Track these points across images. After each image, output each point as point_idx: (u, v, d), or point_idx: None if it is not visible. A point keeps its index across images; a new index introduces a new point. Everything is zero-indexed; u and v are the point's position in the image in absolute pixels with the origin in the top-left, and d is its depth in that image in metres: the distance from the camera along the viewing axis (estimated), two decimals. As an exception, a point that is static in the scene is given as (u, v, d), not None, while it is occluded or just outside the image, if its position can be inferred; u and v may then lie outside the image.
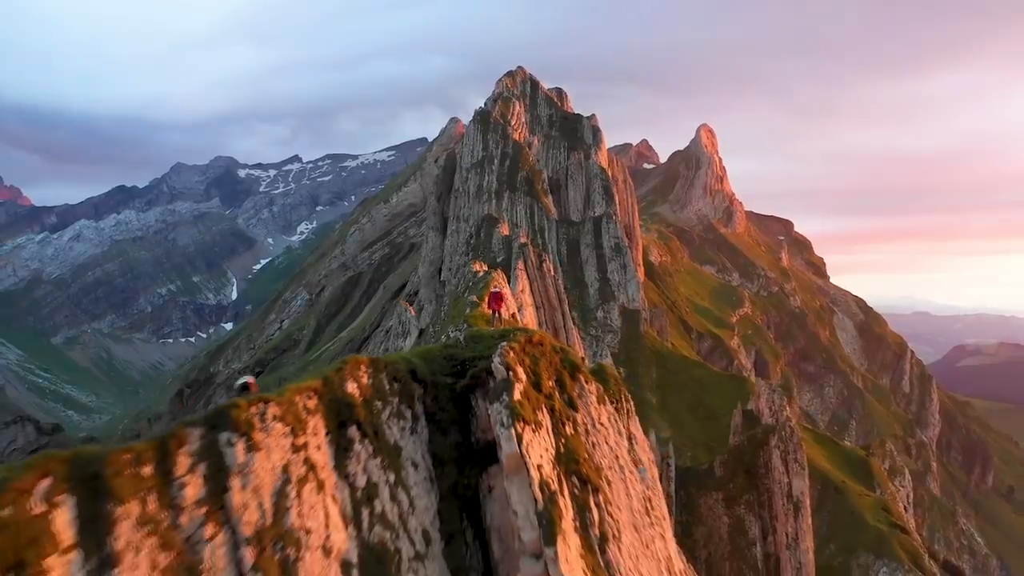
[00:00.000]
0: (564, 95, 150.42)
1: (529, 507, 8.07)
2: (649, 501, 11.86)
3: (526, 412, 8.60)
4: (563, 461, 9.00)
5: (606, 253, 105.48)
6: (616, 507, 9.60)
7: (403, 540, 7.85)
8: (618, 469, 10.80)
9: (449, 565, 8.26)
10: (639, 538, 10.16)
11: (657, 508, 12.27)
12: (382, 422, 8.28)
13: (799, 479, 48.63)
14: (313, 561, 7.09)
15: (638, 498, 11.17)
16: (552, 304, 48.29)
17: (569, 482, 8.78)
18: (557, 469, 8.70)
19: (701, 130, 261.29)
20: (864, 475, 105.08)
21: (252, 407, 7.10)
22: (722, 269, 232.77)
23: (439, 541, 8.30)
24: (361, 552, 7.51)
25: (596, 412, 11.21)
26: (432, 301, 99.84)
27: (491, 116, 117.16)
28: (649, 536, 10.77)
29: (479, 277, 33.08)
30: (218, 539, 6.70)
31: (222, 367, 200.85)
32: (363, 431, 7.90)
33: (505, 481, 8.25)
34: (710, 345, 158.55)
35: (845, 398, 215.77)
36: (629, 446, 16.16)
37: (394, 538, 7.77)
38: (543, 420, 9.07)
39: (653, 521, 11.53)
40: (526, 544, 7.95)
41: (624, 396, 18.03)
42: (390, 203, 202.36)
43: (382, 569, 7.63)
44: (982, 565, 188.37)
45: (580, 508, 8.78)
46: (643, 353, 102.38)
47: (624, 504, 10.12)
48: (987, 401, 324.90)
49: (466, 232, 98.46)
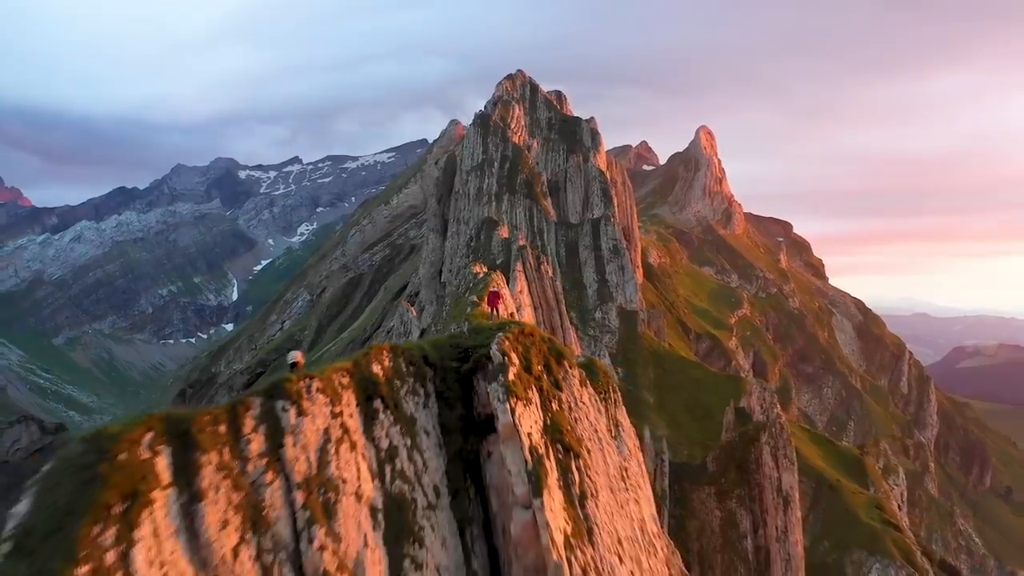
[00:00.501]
0: (563, 98, 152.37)
1: (520, 467, 9.96)
2: (625, 471, 13.77)
3: (518, 390, 10.54)
4: (549, 431, 10.92)
5: (604, 255, 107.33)
6: (594, 472, 11.51)
7: (418, 492, 9.76)
8: (596, 440, 12.71)
9: (455, 515, 10.17)
10: (615, 499, 12.07)
11: (633, 477, 14.18)
12: (401, 397, 10.21)
13: (788, 474, 50.46)
14: (348, 504, 9.01)
15: (614, 466, 13.09)
16: (550, 304, 50.19)
17: (554, 448, 10.70)
18: (544, 438, 10.61)
19: (700, 132, 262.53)
20: (858, 474, 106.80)
21: (301, 381, 9.04)
22: (721, 270, 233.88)
23: (447, 495, 10.20)
24: (385, 500, 9.43)
25: (578, 393, 13.12)
26: (433, 302, 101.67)
27: (491, 119, 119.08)
28: (624, 499, 12.68)
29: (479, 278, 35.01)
30: (276, 484, 8.64)
31: (223, 367, 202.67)
32: (385, 404, 9.82)
33: (501, 446, 10.14)
34: (708, 346, 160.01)
35: (843, 399, 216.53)
36: (615, 431, 18.03)
37: (411, 490, 9.67)
38: (533, 397, 11.00)
39: (628, 487, 13.44)
40: (518, 497, 9.85)
41: (612, 387, 19.94)
42: (390, 205, 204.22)
43: (401, 515, 9.56)
44: (980, 565, 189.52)
45: (563, 470, 10.69)
46: (641, 353, 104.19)
47: (601, 470, 12.03)
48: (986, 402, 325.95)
49: (466, 234, 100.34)
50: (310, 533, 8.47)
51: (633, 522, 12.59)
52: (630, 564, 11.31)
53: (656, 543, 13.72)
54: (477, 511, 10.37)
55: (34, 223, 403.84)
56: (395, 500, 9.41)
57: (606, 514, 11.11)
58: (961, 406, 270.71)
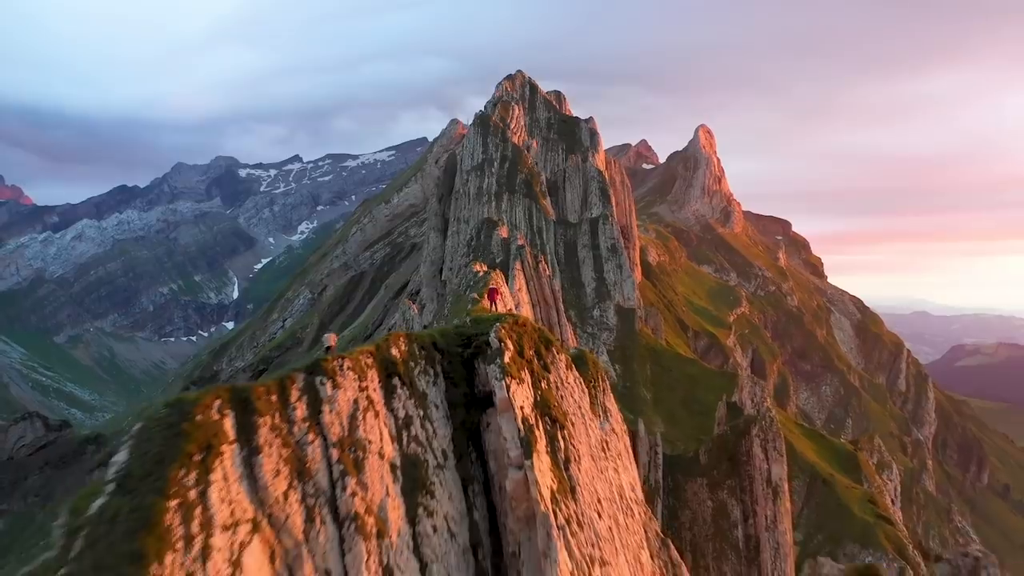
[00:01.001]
0: (563, 98, 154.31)
1: (514, 435, 12.04)
2: (606, 443, 15.87)
3: (513, 371, 12.62)
4: (539, 406, 13.00)
5: (602, 253, 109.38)
6: (577, 441, 13.59)
7: (429, 454, 11.84)
8: (580, 416, 14.78)
9: (459, 474, 12.25)
10: (595, 465, 14.15)
11: (613, 450, 16.26)
12: (414, 376, 12.29)
13: (777, 465, 52.55)
14: (373, 461, 11.12)
15: (596, 438, 15.18)
16: (547, 302, 52.31)
17: (542, 420, 12.77)
18: (534, 411, 12.68)
19: (699, 131, 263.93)
20: (852, 469, 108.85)
21: (335, 361, 11.12)
22: (720, 269, 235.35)
23: (453, 458, 12.29)
24: (402, 459, 11.53)
25: (564, 375, 15.20)
26: (433, 300, 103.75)
27: (491, 120, 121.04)
28: (603, 466, 14.76)
29: (479, 277, 37.08)
30: (316, 442, 10.77)
31: (225, 365, 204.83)
32: (402, 381, 11.89)
33: (498, 418, 12.22)
34: (706, 343, 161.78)
35: (841, 396, 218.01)
36: (603, 415, 20.11)
37: (423, 452, 11.75)
38: (525, 377, 13.08)
39: (608, 457, 15.53)
40: (512, 459, 11.93)
41: (600, 377, 22.03)
42: (391, 203, 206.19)
43: (415, 472, 11.66)
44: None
45: (550, 438, 12.78)
46: (638, 350, 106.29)
47: (583, 440, 14.10)
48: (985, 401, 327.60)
49: (466, 233, 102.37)
50: (343, 483, 10.57)
51: (612, 486, 14.71)
52: (608, 520, 13.40)
53: (634, 507, 15.83)
54: (478, 472, 12.47)
55: (35, 221, 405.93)
56: (410, 459, 11.50)
57: (587, 476, 13.21)
58: (959, 404, 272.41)
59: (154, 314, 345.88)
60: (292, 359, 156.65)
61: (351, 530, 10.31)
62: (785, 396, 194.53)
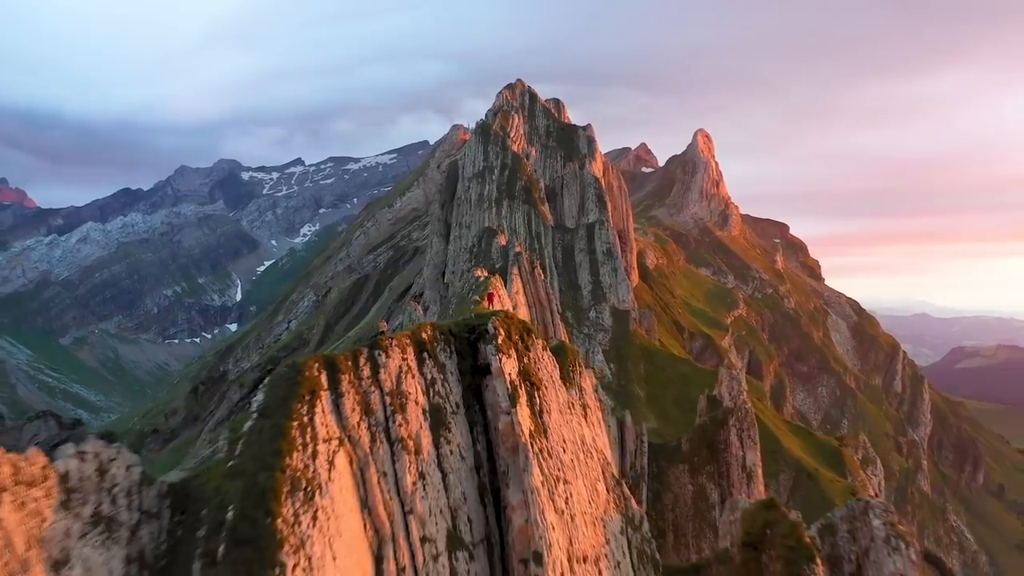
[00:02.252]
0: (561, 106, 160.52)
1: (504, 392, 18.14)
2: (572, 404, 21.93)
3: (503, 349, 18.71)
4: (521, 373, 19.07)
5: (598, 257, 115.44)
6: (549, 399, 19.63)
7: (447, 404, 17.97)
8: (551, 382, 20.85)
9: (467, 419, 18.35)
10: (562, 417, 20.21)
11: (580, 409, 22.32)
12: (437, 352, 18.39)
13: (752, 452, 58.45)
14: (411, 406, 17.28)
15: (563, 399, 21.25)
16: (542, 304, 58.32)
17: (524, 383, 18.83)
18: (518, 377, 18.75)
19: (698, 135, 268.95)
20: (837, 464, 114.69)
21: (386, 340, 17.24)
22: (718, 271, 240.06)
23: (463, 408, 18.41)
24: (430, 406, 17.70)
25: (540, 354, 21.27)
26: (436, 302, 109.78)
27: (491, 128, 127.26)
28: (568, 419, 20.82)
29: (480, 281, 43.11)
30: (375, 392, 16.95)
31: (231, 365, 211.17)
32: (429, 354, 17.99)
33: (493, 381, 18.31)
34: (702, 344, 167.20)
35: (837, 397, 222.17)
36: (579, 395, 26.17)
37: (443, 403, 17.88)
38: (512, 354, 19.16)
39: (573, 413, 21.62)
40: (503, 408, 18.05)
41: (577, 363, 28.17)
42: (394, 207, 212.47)
43: (439, 415, 17.81)
44: (971, 561, 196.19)
45: (529, 396, 18.84)
46: (632, 350, 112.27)
47: (553, 399, 20.14)
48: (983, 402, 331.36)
49: (467, 238, 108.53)
50: (393, 418, 16.73)
51: (575, 433, 20.76)
52: (571, 455, 19.43)
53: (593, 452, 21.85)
54: (479, 417, 18.56)
55: (40, 224, 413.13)
56: (435, 406, 17.62)
57: (555, 423, 19.24)
58: (955, 405, 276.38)
59: (158, 316, 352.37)
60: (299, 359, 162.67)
61: (399, 448, 16.45)
62: (782, 397, 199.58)
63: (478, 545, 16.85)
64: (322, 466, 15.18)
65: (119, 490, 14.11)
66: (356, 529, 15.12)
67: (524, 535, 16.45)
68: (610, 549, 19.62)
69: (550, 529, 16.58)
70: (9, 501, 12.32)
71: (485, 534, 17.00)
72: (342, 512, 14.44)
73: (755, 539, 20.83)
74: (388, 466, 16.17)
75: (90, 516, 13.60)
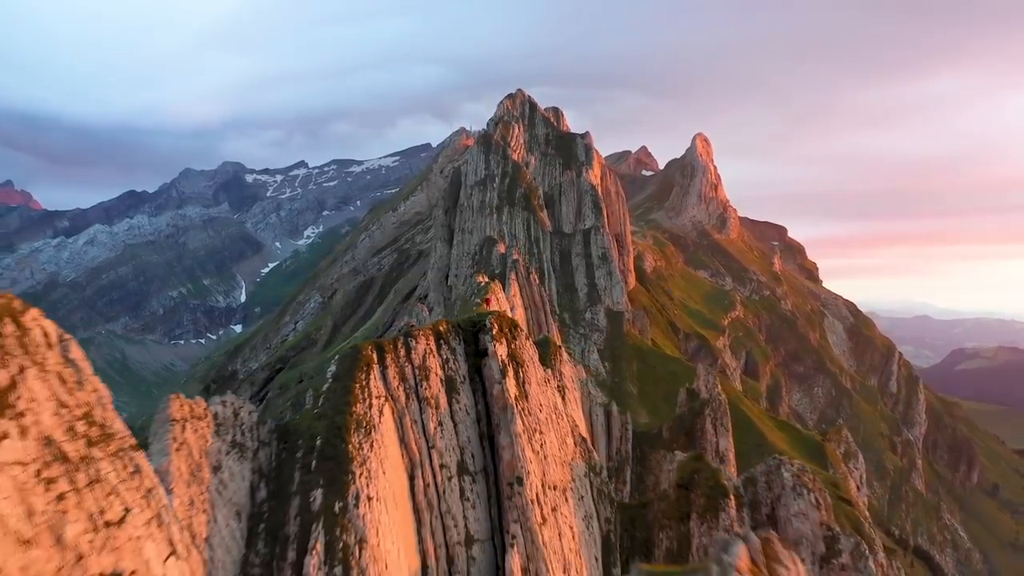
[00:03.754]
0: (560, 114, 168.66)
1: (497, 368, 26.27)
2: (548, 379, 30.02)
3: (497, 338, 26.76)
4: (510, 356, 27.15)
5: (594, 261, 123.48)
6: (530, 373, 27.67)
7: (457, 376, 26.15)
8: (533, 362, 28.93)
9: (471, 387, 26.48)
10: (539, 387, 28.27)
11: (555, 383, 30.45)
12: (450, 339, 26.48)
13: (724, 439, 66.29)
14: (432, 377, 25.54)
15: (541, 374, 29.35)
16: (537, 305, 66.28)
17: (511, 362, 26.88)
18: (508, 358, 26.80)
19: (696, 139, 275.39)
20: (819, 457, 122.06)
21: (416, 330, 25.38)
22: (715, 273, 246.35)
23: (468, 379, 26.56)
24: (444, 377, 25.91)
25: (523, 343, 29.38)
26: (440, 303, 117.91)
27: (492, 139, 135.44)
28: (544, 389, 28.87)
29: (481, 287, 51.07)
30: (408, 368, 25.28)
31: (239, 365, 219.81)
32: (444, 342, 26.08)
33: (489, 360, 26.40)
34: (696, 344, 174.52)
35: (833, 398, 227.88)
36: (558, 376, 34.27)
37: (454, 375, 26.05)
38: (503, 341, 27.21)
39: (549, 386, 29.71)
40: (496, 379, 26.20)
41: (559, 353, 36.40)
42: (398, 211, 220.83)
43: (452, 384, 26.05)
44: (965, 558, 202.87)
45: (515, 371, 26.90)
46: (625, 349, 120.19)
47: (533, 374, 28.16)
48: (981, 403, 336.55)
49: (470, 244, 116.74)
50: (420, 384, 24.93)
51: (549, 400, 28.78)
52: (545, 415, 27.45)
53: (564, 417, 29.88)
54: (479, 386, 26.67)
55: (46, 226, 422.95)
56: (448, 378, 25.76)
57: (534, 392, 27.29)
58: (951, 406, 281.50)
59: (164, 317, 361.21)
60: (308, 358, 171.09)
61: (424, 404, 24.62)
62: (778, 397, 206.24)
63: (479, 473, 24.92)
64: (375, 413, 23.30)
65: (245, 426, 22.21)
66: (397, 456, 23.26)
67: (511, 466, 24.49)
68: (575, 485, 27.54)
69: (528, 462, 24.53)
70: (191, 429, 20.45)
71: (483, 466, 25.07)
72: (388, 444, 22.58)
73: (686, 481, 28.71)
74: (417, 416, 24.29)
75: (230, 441, 21.72)
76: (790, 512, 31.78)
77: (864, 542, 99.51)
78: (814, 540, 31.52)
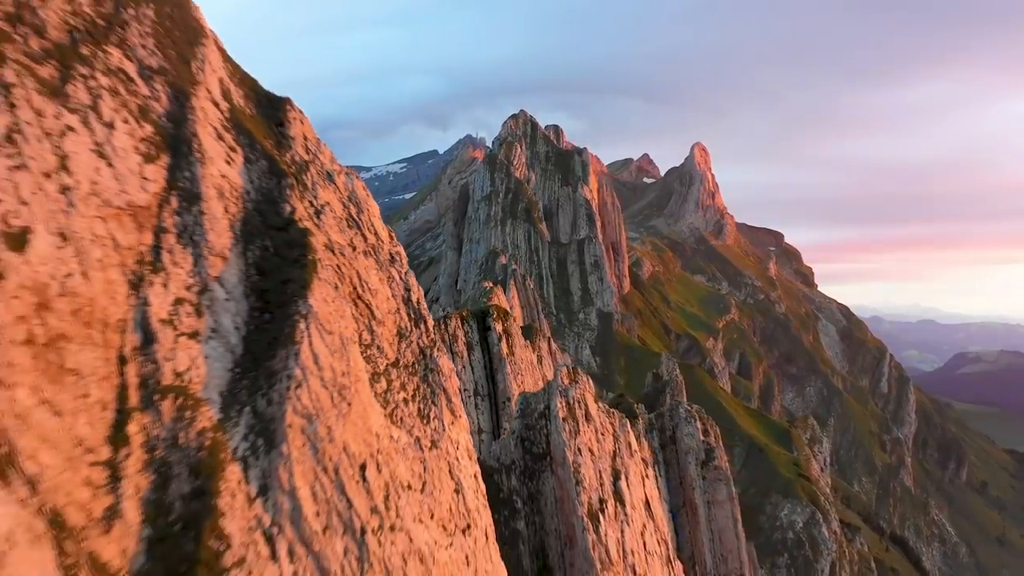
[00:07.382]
0: (560, 132, 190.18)
1: (495, 338, 47.46)
2: (528, 347, 51.09)
3: (496, 320, 47.71)
4: (503, 330, 48.07)
5: (587, 268, 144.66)
6: (515, 343, 48.60)
7: (473, 340, 47.49)
8: (517, 336, 49.88)
9: (481, 348, 47.72)
10: (523, 351, 49.31)
11: (531, 348, 51.53)
12: (468, 320, 47.56)
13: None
14: (459, 341, 47.05)
15: (523, 343, 50.40)
16: (532, 306, 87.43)
17: (505, 335, 47.81)
18: (502, 332, 47.73)
19: (695, 148, 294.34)
20: (785, 441, 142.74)
21: (449, 315, 46.57)
22: (712, 278, 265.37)
23: (480, 345, 47.81)
24: (466, 341, 47.33)
25: (511, 324, 50.34)
26: (451, 306, 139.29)
27: (497, 159, 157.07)
28: (526, 352, 49.84)
29: (486, 290, 71.99)
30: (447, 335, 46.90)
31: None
32: (465, 321, 47.10)
33: (491, 333, 47.46)
34: (687, 344, 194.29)
35: (824, 397, 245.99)
36: (537, 348, 55.37)
37: (471, 341, 47.35)
38: (500, 322, 48.09)
39: (527, 350, 50.76)
40: (495, 342, 47.46)
41: (539, 333, 57.58)
42: (408, 220, 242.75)
43: (470, 345, 47.48)
44: (952, 552, 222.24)
45: (507, 340, 47.89)
46: (614, 346, 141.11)
47: (518, 343, 49.01)
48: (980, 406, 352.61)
49: (477, 253, 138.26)
50: (453, 344, 46.26)
51: (528, 358, 49.72)
52: (525, 365, 48.48)
53: (537, 368, 50.78)
54: (486, 348, 47.62)
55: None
56: (468, 342, 46.89)
57: (518, 353, 48.12)
58: (941, 406, 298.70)
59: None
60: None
61: (456, 356, 45.88)
62: (771, 396, 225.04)
63: (485, 397, 45.92)
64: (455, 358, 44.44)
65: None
66: (441, 383, 44.54)
67: (504, 391, 45.45)
68: (544, 410, 48.63)
69: (515, 390, 45.25)
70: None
71: (488, 392, 46.06)
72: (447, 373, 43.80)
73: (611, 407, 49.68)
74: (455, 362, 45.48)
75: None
76: (683, 433, 52.28)
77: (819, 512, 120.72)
78: (698, 450, 51.96)
